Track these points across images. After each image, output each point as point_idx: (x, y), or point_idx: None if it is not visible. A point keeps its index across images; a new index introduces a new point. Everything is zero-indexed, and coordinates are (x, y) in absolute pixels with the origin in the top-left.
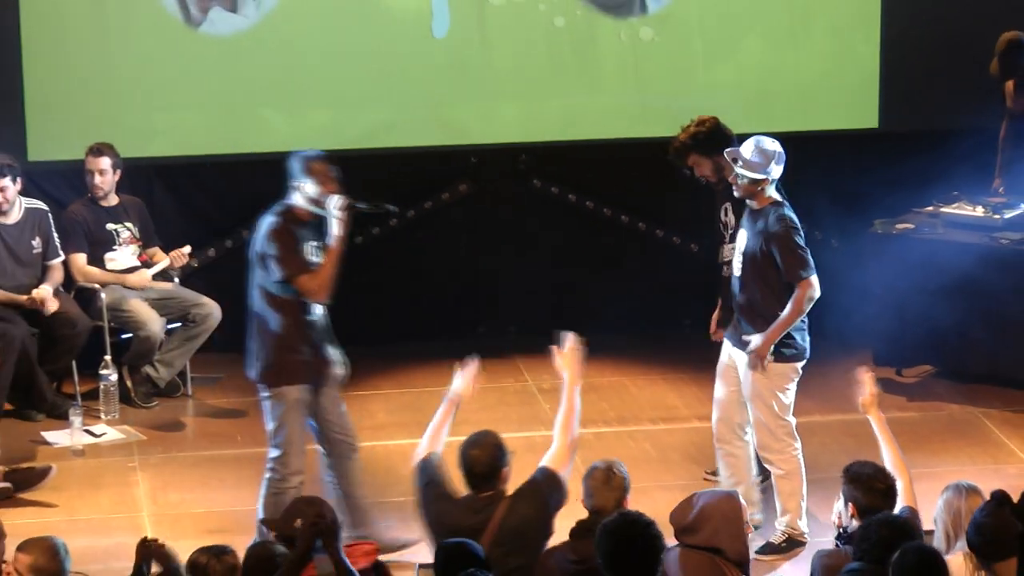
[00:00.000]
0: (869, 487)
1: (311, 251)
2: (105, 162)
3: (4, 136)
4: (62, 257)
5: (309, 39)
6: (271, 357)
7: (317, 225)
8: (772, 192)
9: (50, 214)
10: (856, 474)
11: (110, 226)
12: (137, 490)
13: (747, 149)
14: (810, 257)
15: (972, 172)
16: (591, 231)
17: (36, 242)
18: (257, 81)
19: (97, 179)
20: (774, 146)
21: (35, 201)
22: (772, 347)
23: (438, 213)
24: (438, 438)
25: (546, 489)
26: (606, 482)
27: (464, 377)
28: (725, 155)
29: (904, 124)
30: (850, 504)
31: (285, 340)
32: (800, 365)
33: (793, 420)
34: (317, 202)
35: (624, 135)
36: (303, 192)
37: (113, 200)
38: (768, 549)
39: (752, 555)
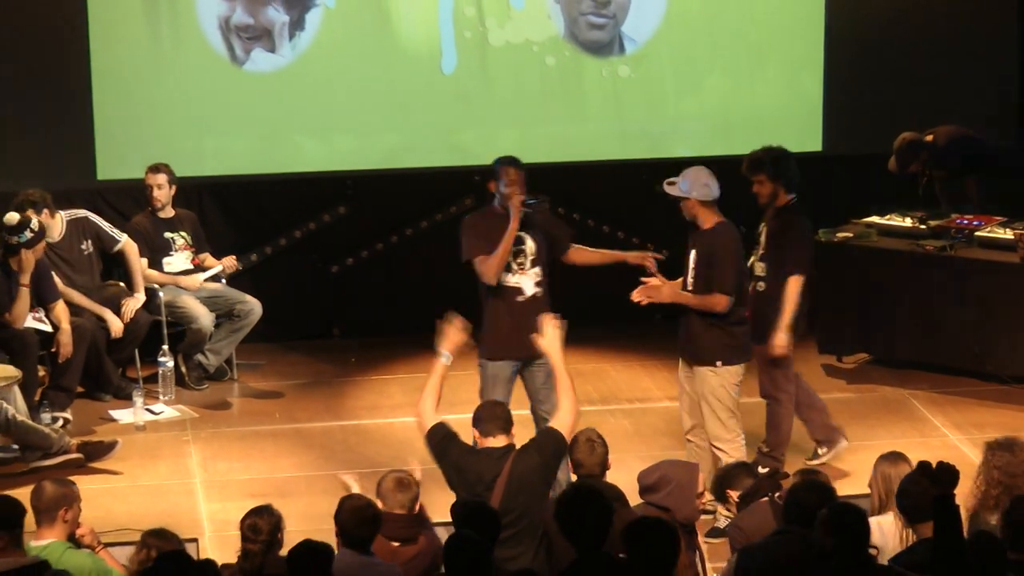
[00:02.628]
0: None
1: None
2: (162, 178)
3: (77, 159)
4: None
5: (337, 75)
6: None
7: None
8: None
9: (90, 215)
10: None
11: (167, 235)
12: (190, 460)
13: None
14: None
15: (902, 189)
16: (576, 239)
17: (85, 245)
18: (292, 111)
19: (156, 193)
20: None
21: (74, 211)
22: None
23: (447, 224)
24: (436, 399)
25: (547, 443)
26: (590, 451)
27: (449, 331)
28: (664, 187)
29: (844, 148)
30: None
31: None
32: (743, 366)
33: (738, 414)
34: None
35: (606, 157)
36: (497, 191)
37: (170, 212)
38: (715, 533)
39: (703, 539)
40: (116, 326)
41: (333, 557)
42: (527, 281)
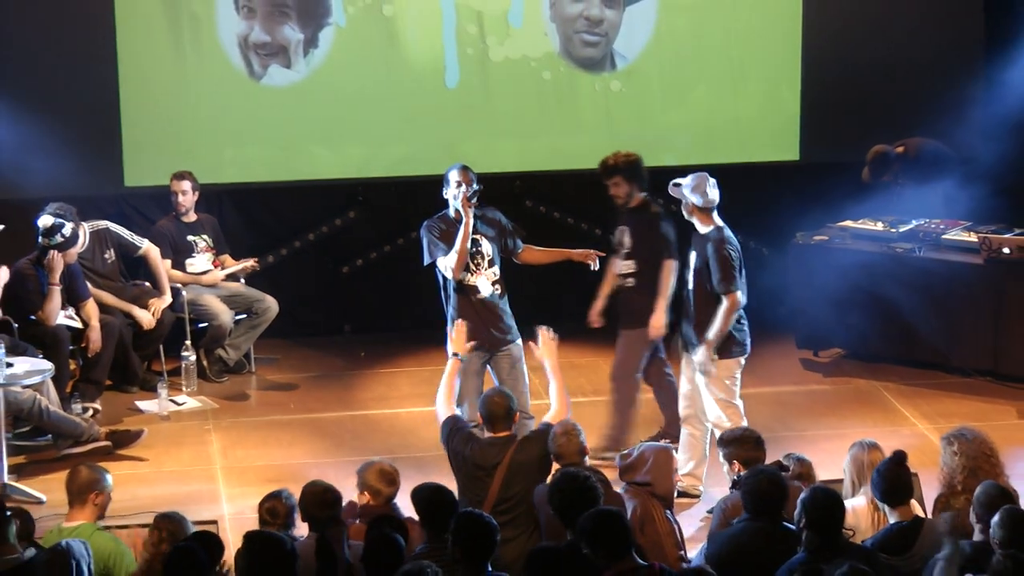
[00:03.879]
0: (742, 443)
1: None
2: (186, 184)
3: (106, 167)
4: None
5: (348, 89)
6: None
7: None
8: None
9: (111, 226)
10: (730, 437)
11: (190, 237)
12: (211, 448)
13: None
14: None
15: (874, 194)
16: (571, 241)
17: (108, 254)
18: (306, 123)
19: (180, 198)
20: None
21: (97, 223)
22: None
23: None
24: (452, 393)
25: (546, 439)
26: (568, 441)
27: (458, 337)
28: (670, 188)
29: (819, 157)
30: (734, 461)
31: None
32: (743, 359)
33: (740, 403)
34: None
35: (598, 165)
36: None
37: (192, 217)
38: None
39: (704, 515)
40: (146, 319)
41: (404, 548)
42: (484, 281)
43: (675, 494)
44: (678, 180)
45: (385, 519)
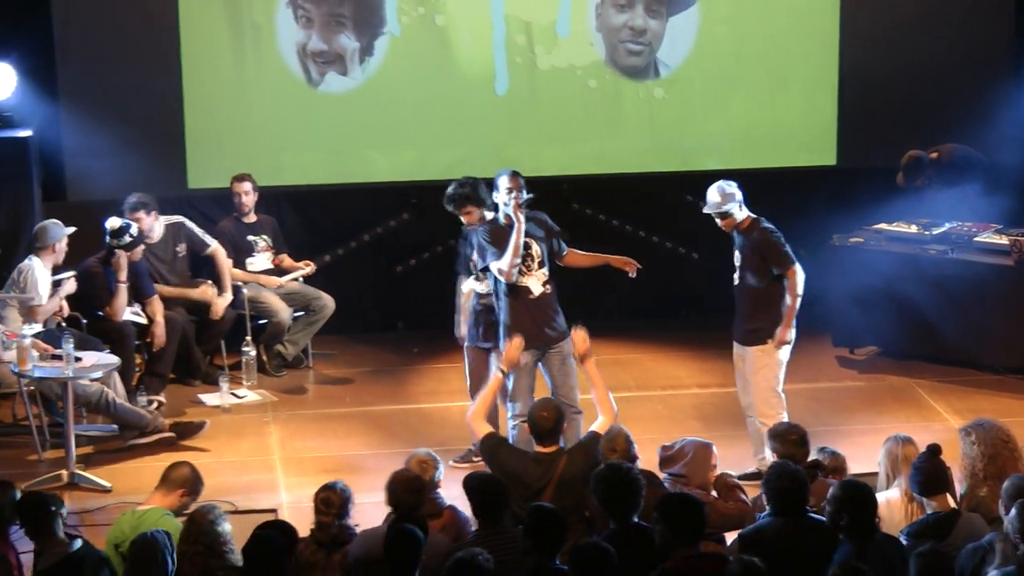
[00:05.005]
0: (784, 438)
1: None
2: (247, 186)
3: (170, 170)
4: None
5: (402, 95)
6: None
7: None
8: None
9: (186, 221)
10: (774, 432)
11: (250, 237)
12: (270, 439)
13: (711, 194)
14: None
15: (909, 198)
16: (616, 243)
17: (180, 248)
18: (361, 128)
19: (242, 199)
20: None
21: (172, 217)
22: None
23: None
24: (488, 409)
25: (592, 448)
26: (612, 450)
27: (510, 353)
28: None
29: (856, 162)
30: (773, 453)
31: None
32: (789, 347)
33: (783, 395)
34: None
35: (642, 169)
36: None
37: (253, 217)
38: (749, 476)
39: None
40: (219, 306)
41: (423, 541)
42: (535, 281)
43: (710, 488)
44: (712, 210)
45: (406, 517)
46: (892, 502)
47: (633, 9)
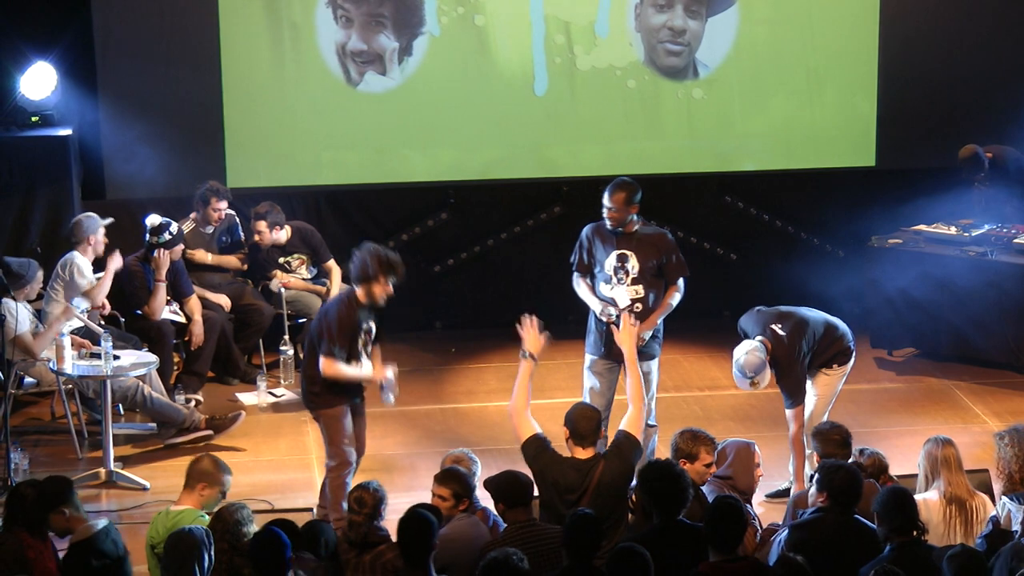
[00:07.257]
0: (827, 438)
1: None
2: (262, 225)
3: (210, 168)
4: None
5: (441, 96)
6: None
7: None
8: None
9: (235, 215)
10: (817, 430)
11: (282, 260)
12: (307, 438)
13: (740, 383)
14: None
15: (947, 199)
16: None
17: (224, 238)
18: (401, 127)
19: (265, 238)
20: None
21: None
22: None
23: (537, 229)
24: (528, 400)
25: (628, 450)
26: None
27: (529, 334)
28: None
29: (895, 163)
30: (814, 453)
31: None
32: (848, 366)
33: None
34: None
35: (680, 170)
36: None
37: (282, 239)
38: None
39: (761, 499)
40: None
41: (437, 525)
42: (622, 293)
43: (756, 488)
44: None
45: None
46: (931, 504)
47: (672, 9)
